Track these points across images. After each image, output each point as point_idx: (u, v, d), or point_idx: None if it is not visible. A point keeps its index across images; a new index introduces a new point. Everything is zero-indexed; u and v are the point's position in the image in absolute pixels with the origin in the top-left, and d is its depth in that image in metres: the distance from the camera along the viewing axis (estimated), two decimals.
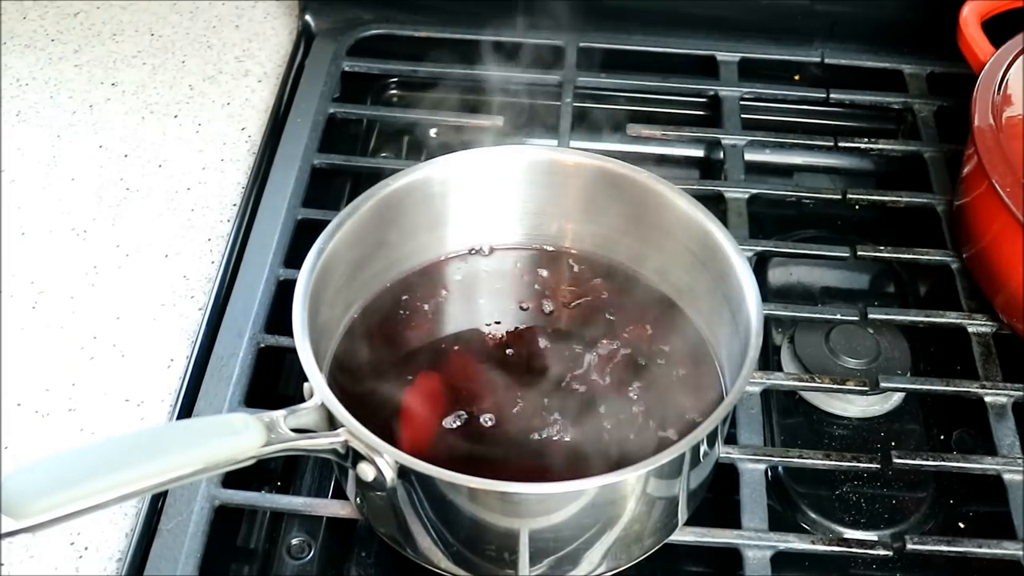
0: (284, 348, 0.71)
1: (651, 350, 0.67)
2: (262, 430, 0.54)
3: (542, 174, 0.71)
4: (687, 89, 0.94)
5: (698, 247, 0.67)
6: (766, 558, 0.63)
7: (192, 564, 0.62)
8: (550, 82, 0.92)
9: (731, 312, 0.64)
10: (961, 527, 0.71)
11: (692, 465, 0.59)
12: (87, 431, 0.68)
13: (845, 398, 0.75)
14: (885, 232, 0.87)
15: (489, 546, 0.58)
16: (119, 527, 0.64)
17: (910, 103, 0.92)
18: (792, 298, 0.83)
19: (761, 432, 0.70)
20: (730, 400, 0.58)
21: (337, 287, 0.65)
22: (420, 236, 0.71)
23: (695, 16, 0.95)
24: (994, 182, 0.70)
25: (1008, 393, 0.71)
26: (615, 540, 0.59)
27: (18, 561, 0.62)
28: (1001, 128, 0.73)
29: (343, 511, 0.65)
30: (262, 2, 1.00)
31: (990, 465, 0.68)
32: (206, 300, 0.76)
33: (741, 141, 0.88)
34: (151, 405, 0.70)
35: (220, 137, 0.88)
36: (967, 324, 0.75)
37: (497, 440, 0.62)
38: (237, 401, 0.69)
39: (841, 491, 0.71)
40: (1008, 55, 0.78)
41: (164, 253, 0.79)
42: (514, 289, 0.72)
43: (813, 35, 0.96)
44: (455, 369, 0.67)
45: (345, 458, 0.56)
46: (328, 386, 0.57)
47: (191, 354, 0.72)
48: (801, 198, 0.86)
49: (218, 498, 0.64)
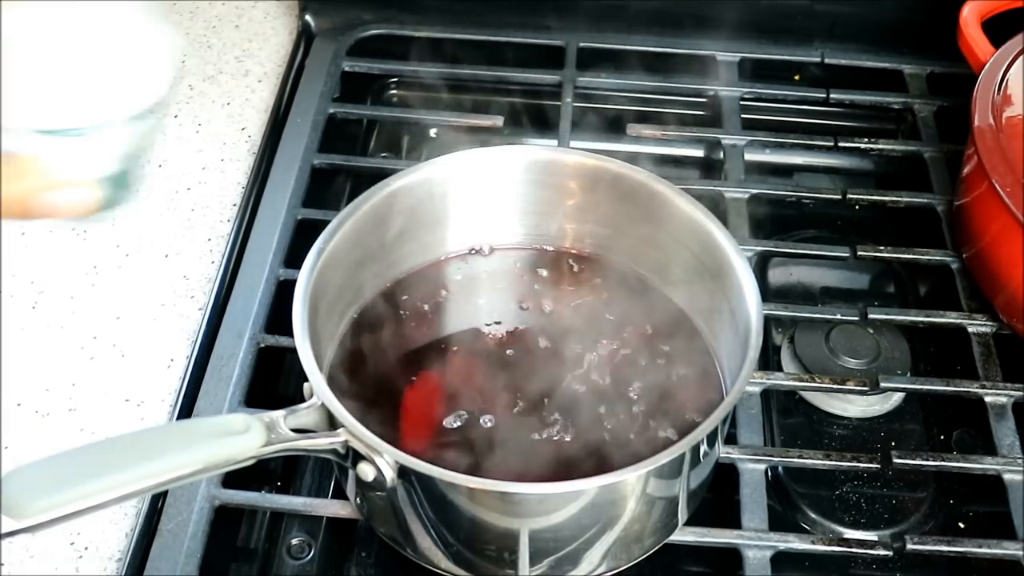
0: (284, 348, 0.71)
1: (651, 350, 0.67)
2: (262, 430, 0.54)
3: (542, 174, 0.71)
4: (687, 89, 0.94)
5: (698, 247, 0.67)
6: (766, 558, 0.63)
7: (192, 564, 0.62)
8: (550, 82, 0.92)
9: (731, 312, 0.64)
10: (961, 527, 0.71)
11: (692, 465, 0.59)
12: (87, 431, 0.68)
13: (845, 398, 0.75)
14: (885, 232, 0.87)
15: (489, 546, 0.58)
16: (119, 527, 0.64)
17: (910, 103, 0.92)
18: (792, 298, 0.83)
19: (761, 432, 0.70)
20: (730, 400, 0.58)
21: (337, 287, 0.65)
22: (420, 236, 0.71)
23: (695, 16, 0.95)
24: (994, 182, 0.70)
25: (1008, 393, 0.71)
26: (615, 540, 0.59)
27: (18, 561, 0.62)
28: (1001, 128, 0.73)
29: (343, 511, 0.65)
30: (262, 2, 1.00)
31: (990, 465, 0.68)
32: (206, 300, 0.76)
33: (741, 141, 0.88)
34: (151, 405, 0.70)
35: (220, 137, 0.88)
36: (967, 324, 0.75)
37: (497, 440, 0.62)
38: (237, 401, 0.69)
39: (841, 491, 0.71)
40: (1008, 55, 0.78)
41: (164, 253, 0.79)
42: (514, 289, 0.72)
43: (813, 35, 0.96)
44: (455, 369, 0.67)
45: (345, 458, 0.56)
46: (328, 386, 0.57)
47: (191, 354, 0.72)
48: (801, 198, 0.86)
49: (218, 498, 0.64)
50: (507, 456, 0.61)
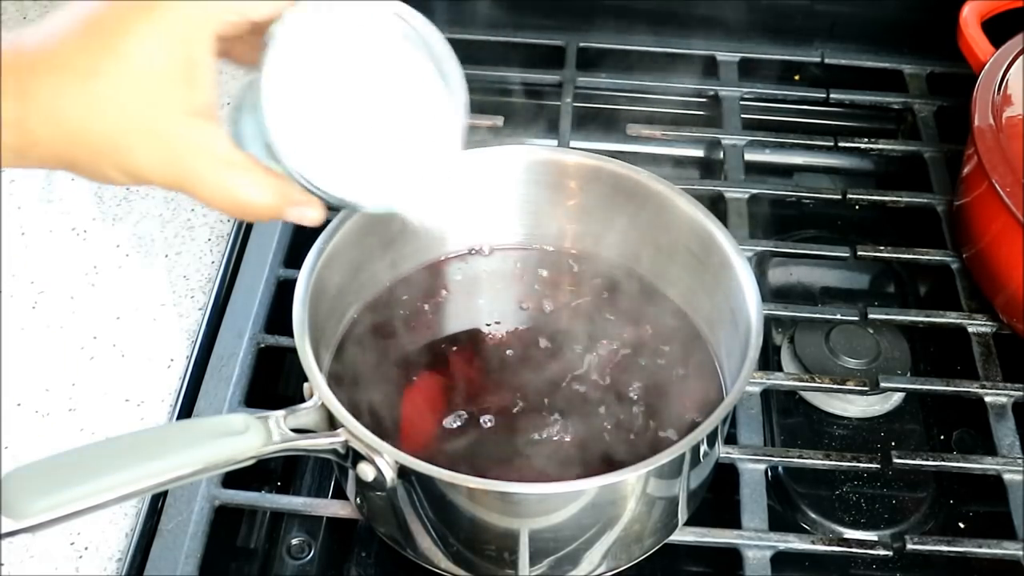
0: (284, 348, 0.71)
1: (651, 350, 0.67)
2: (262, 430, 0.54)
3: (542, 174, 0.71)
4: (687, 89, 0.94)
5: (698, 247, 0.67)
6: (766, 558, 0.63)
7: (192, 564, 0.62)
8: (550, 82, 0.92)
9: (731, 312, 0.64)
10: (961, 527, 0.71)
11: (692, 465, 0.59)
12: (87, 431, 0.68)
13: (845, 398, 0.75)
14: (885, 232, 0.87)
15: (489, 546, 0.58)
16: (119, 527, 0.64)
17: (910, 103, 0.92)
18: (792, 298, 0.83)
19: (761, 432, 0.70)
20: (730, 400, 0.58)
21: (337, 287, 0.65)
22: (420, 236, 0.71)
23: (695, 16, 0.95)
24: (994, 182, 0.70)
25: (1008, 393, 0.71)
26: (615, 540, 0.59)
27: (18, 561, 0.62)
28: (1001, 128, 0.73)
29: (343, 511, 0.65)
30: None
31: (990, 465, 0.68)
32: (206, 300, 0.76)
33: (741, 141, 0.88)
34: (151, 405, 0.70)
35: None
36: (967, 324, 0.75)
37: (497, 440, 0.62)
38: (237, 401, 0.69)
39: (841, 491, 0.71)
40: (1008, 55, 0.78)
41: (164, 253, 0.79)
42: (514, 289, 0.72)
43: (813, 35, 0.96)
44: (455, 369, 0.67)
45: (345, 458, 0.56)
46: (328, 386, 0.57)
47: (191, 354, 0.72)
48: (801, 198, 0.86)
49: (218, 498, 0.64)
50: (507, 456, 0.61)
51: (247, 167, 0.49)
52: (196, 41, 0.47)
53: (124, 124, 0.47)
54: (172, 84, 0.47)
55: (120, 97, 0.46)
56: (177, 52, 0.47)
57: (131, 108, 0.46)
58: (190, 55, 0.47)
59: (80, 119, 0.46)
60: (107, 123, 0.46)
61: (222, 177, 0.49)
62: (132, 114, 0.47)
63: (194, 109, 0.48)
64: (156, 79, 0.47)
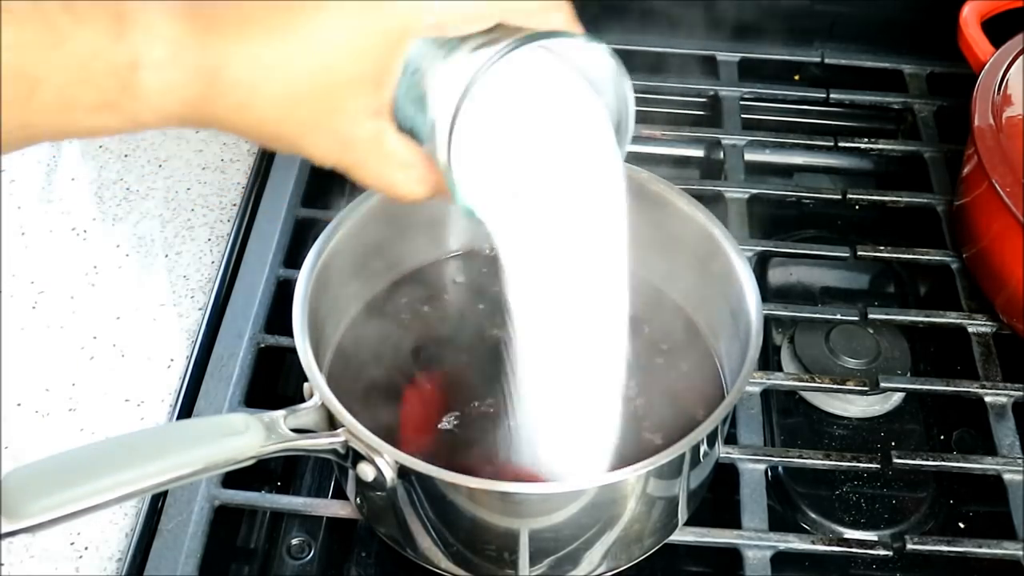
0: (284, 348, 0.71)
1: (651, 350, 0.67)
2: (262, 430, 0.54)
3: None
4: (687, 89, 0.94)
5: (698, 247, 0.67)
6: (766, 558, 0.63)
7: (192, 564, 0.62)
8: None
9: (731, 312, 0.64)
10: (961, 527, 0.71)
11: (692, 465, 0.59)
12: (87, 431, 0.68)
13: (845, 398, 0.75)
14: (885, 232, 0.87)
15: (489, 546, 0.58)
16: (119, 527, 0.64)
17: (910, 103, 0.92)
18: (792, 298, 0.83)
19: (761, 432, 0.70)
20: (730, 400, 0.58)
21: (337, 287, 0.65)
22: (420, 236, 0.71)
23: (695, 16, 0.95)
24: (994, 182, 0.70)
25: (1008, 393, 0.71)
26: (615, 540, 0.59)
27: (18, 561, 0.62)
28: (1001, 128, 0.73)
29: (343, 511, 0.65)
30: None
31: (990, 465, 0.68)
32: (206, 300, 0.76)
33: (741, 141, 0.88)
34: (151, 405, 0.70)
35: (220, 137, 0.87)
36: (967, 324, 0.75)
37: (497, 440, 0.62)
38: (237, 401, 0.69)
39: (841, 491, 0.71)
40: (1008, 55, 0.78)
41: (164, 253, 0.79)
42: None
43: (813, 35, 0.96)
44: (455, 369, 0.67)
45: (345, 458, 0.56)
46: (328, 386, 0.57)
47: (191, 354, 0.72)
48: (801, 198, 0.86)
49: (218, 498, 0.64)
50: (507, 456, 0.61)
51: (407, 163, 0.50)
52: (396, 44, 0.47)
53: (305, 117, 0.47)
54: (363, 87, 0.47)
55: (312, 93, 0.46)
56: (377, 55, 0.47)
57: (318, 108, 0.47)
58: (386, 59, 0.47)
59: (261, 111, 0.46)
60: (292, 117, 0.47)
61: (384, 170, 0.50)
62: (317, 113, 0.47)
63: (374, 110, 0.48)
64: (349, 83, 0.46)
